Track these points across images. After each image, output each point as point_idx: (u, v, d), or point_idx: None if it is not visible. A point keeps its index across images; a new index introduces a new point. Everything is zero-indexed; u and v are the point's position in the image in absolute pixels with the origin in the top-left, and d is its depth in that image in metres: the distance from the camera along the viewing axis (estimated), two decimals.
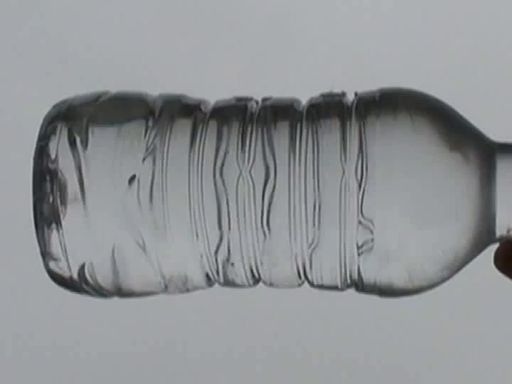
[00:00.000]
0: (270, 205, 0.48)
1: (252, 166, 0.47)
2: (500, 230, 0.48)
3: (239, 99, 0.50)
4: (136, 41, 0.80)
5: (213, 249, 0.49)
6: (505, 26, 0.74)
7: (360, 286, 0.49)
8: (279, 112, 0.49)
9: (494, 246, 0.50)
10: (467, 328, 0.84)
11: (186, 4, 0.75)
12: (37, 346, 1.01)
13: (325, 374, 0.95)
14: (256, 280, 0.50)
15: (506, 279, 0.51)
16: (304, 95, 0.51)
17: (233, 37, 0.73)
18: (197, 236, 0.48)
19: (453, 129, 0.48)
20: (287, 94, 0.51)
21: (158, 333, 1.00)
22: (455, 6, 0.76)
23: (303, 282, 0.50)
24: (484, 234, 0.48)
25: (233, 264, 0.49)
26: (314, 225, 0.47)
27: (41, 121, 0.50)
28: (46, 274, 0.50)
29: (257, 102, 0.50)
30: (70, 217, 0.48)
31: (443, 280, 0.49)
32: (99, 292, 0.51)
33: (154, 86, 0.54)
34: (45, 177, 0.48)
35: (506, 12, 0.74)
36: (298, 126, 0.48)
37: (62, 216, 0.48)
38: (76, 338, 1.00)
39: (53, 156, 0.48)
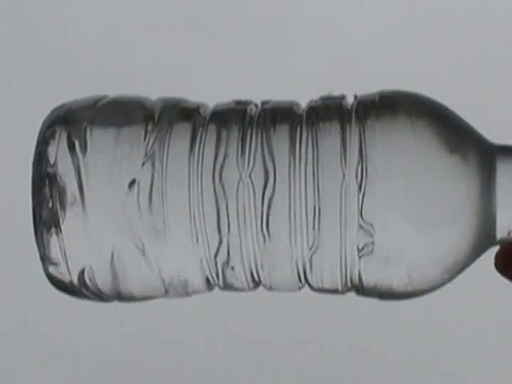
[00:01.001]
0: (269, 208, 0.47)
1: (252, 169, 0.47)
2: (500, 233, 0.48)
3: (238, 103, 0.50)
4: (134, 44, 0.80)
5: (212, 252, 0.49)
6: (505, 26, 0.74)
7: (360, 289, 0.49)
8: (279, 115, 0.49)
9: (495, 249, 0.50)
10: (468, 329, 0.84)
11: (185, 7, 0.75)
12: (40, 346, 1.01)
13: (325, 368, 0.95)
14: (256, 284, 0.50)
15: (506, 281, 0.51)
16: (303, 98, 0.51)
17: (232, 39, 0.73)
18: (197, 240, 0.48)
19: (453, 131, 0.48)
20: (286, 97, 0.51)
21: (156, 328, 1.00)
22: (455, 6, 0.76)
23: (303, 286, 0.50)
24: (484, 236, 0.48)
25: (233, 268, 0.49)
26: (314, 228, 0.47)
27: (40, 125, 0.50)
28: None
29: (256, 106, 0.50)
30: (70, 221, 0.48)
31: (444, 283, 0.49)
32: (99, 296, 0.51)
33: (153, 89, 0.54)
34: (44, 181, 0.48)
35: (506, 12, 0.74)
36: (298, 129, 0.48)
37: (61, 220, 0.48)
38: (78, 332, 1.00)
39: (52, 160, 0.48)
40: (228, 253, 0.49)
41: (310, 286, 0.50)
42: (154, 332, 0.99)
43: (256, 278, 0.49)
